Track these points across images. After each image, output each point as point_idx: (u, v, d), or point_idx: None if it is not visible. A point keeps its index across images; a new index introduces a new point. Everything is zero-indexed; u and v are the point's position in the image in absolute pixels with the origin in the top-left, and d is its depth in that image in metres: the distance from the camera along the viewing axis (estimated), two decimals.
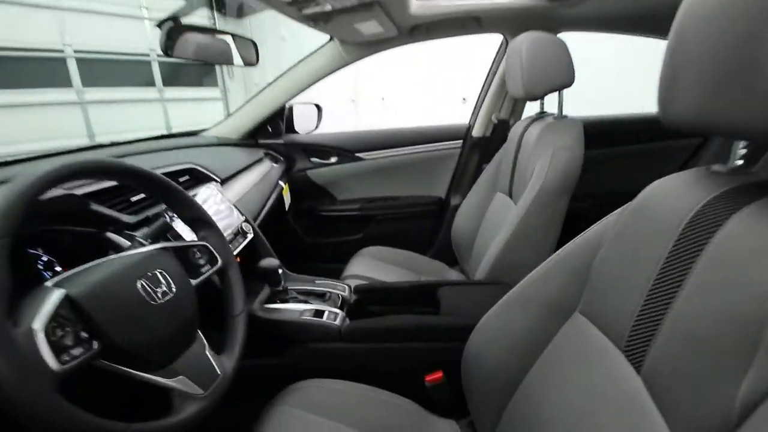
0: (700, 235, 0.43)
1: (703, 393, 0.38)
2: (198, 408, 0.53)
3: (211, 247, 0.68)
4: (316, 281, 1.10)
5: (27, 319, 0.40)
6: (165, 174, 0.65)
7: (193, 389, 0.54)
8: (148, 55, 5.28)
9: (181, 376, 0.53)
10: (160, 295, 0.53)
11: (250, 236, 1.05)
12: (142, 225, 0.73)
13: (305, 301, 0.99)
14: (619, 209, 0.60)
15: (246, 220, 1.08)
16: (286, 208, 1.64)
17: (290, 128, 1.74)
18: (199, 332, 0.61)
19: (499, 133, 1.54)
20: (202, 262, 0.66)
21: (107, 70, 4.83)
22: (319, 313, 0.94)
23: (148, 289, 0.53)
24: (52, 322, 0.42)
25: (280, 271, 0.98)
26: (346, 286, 1.09)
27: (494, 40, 1.51)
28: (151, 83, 5.39)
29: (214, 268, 0.68)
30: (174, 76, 5.64)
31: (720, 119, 0.41)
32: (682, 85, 0.45)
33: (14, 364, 0.36)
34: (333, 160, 1.74)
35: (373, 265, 1.43)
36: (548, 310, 0.65)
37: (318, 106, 1.81)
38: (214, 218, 0.96)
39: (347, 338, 0.91)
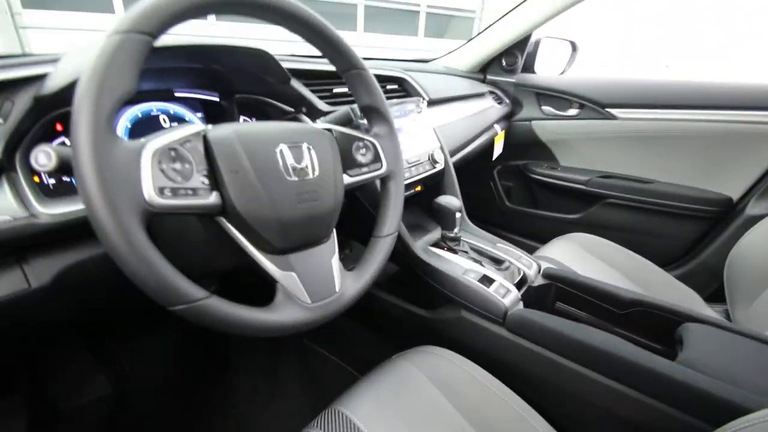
0: None
1: None
2: (296, 317, 0.43)
3: (379, 147, 0.55)
4: (499, 245, 0.87)
5: (148, 139, 0.35)
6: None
7: (300, 293, 0.44)
8: None
9: (293, 273, 0.44)
10: (297, 172, 0.44)
11: (439, 167, 0.89)
12: None
13: (477, 261, 0.79)
14: None
15: (441, 149, 0.92)
16: (493, 158, 1.41)
17: (529, 67, 1.44)
18: (335, 235, 0.50)
19: None
20: (363, 160, 0.54)
21: None
22: (487, 281, 0.72)
23: (287, 159, 0.43)
24: (173, 152, 0.36)
25: (458, 215, 0.79)
26: (535, 264, 0.82)
27: None
28: None
29: (376, 173, 0.54)
30: None
31: None
32: None
33: (103, 175, 0.31)
34: (572, 112, 1.36)
35: (581, 257, 1.07)
36: None
37: (573, 44, 1.43)
38: (407, 135, 0.86)
39: (511, 326, 0.67)
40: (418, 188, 0.90)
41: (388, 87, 0.93)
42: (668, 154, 1.20)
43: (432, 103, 1.03)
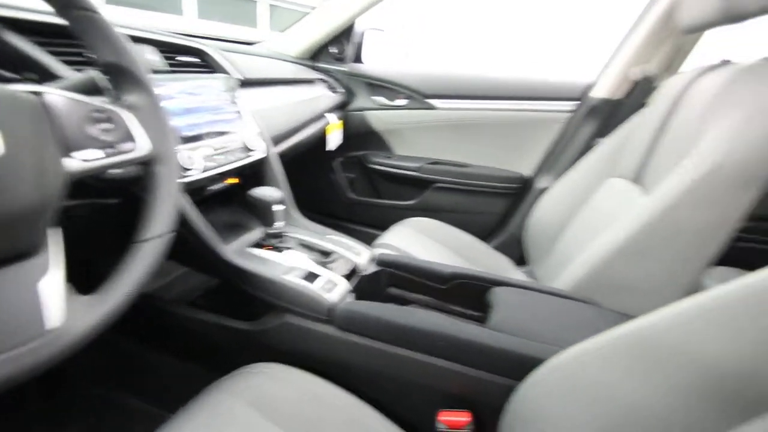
0: None
1: None
2: None
3: (130, 122, 0.41)
4: (328, 236, 0.81)
5: None
6: (161, 41, 0.39)
7: None
8: None
9: None
10: None
11: (257, 155, 0.78)
12: None
13: (307, 258, 0.71)
14: None
15: (260, 136, 0.81)
16: (329, 148, 1.37)
17: (359, 57, 1.44)
18: (55, 246, 0.34)
19: (636, 96, 1.08)
20: (106, 138, 0.39)
21: None
22: (312, 277, 0.65)
23: None
24: None
25: (277, 208, 0.70)
26: (365, 251, 0.79)
27: None
28: None
29: (128, 156, 0.40)
30: None
31: None
32: None
33: None
34: (400, 102, 1.41)
35: (417, 240, 1.11)
36: (714, 389, 0.32)
37: (387, 34, 1.49)
38: (207, 115, 0.71)
39: (340, 323, 0.61)
40: (233, 180, 0.77)
41: (182, 59, 0.77)
42: (478, 139, 1.35)
43: (248, 84, 0.91)
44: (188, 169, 0.61)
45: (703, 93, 0.71)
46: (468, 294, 0.73)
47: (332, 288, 0.64)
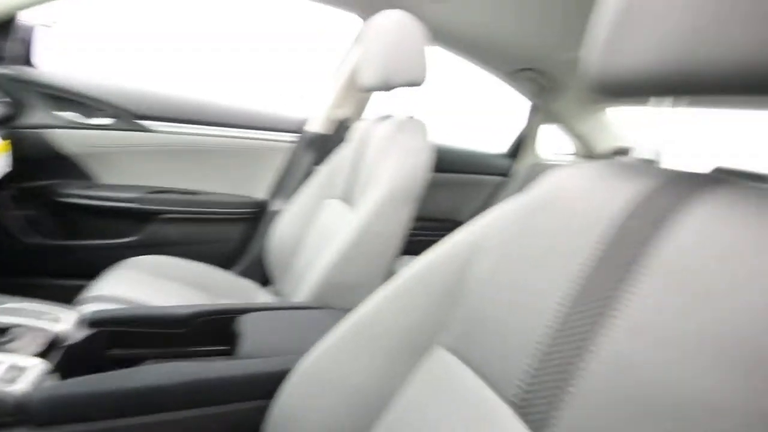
0: (644, 233, 0.31)
1: None
2: None
3: None
4: (4, 306, 0.59)
5: None
6: None
7: None
8: None
9: None
10: None
11: None
12: None
13: None
14: (500, 210, 0.45)
15: None
16: None
17: (29, 59, 1.11)
18: None
19: (339, 132, 1.34)
20: None
21: None
22: None
23: None
24: None
25: None
26: (66, 313, 0.62)
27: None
28: None
29: None
30: None
31: (705, 70, 0.28)
32: (638, 31, 0.32)
33: None
34: (101, 121, 1.17)
35: (144, 283, 0.96)
36: (399, 345, 0.46)
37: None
38: None
39: (40, 418, 0.47)
40: None
41: None
42: (207, 165, 1.31)
43: None
44: None
45: (378, 136, 0.97)
46: (214, 330, 0.71)
47: (17, 376, 0.48)
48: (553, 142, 1.79)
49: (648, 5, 0.31)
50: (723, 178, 0.32)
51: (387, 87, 0.94)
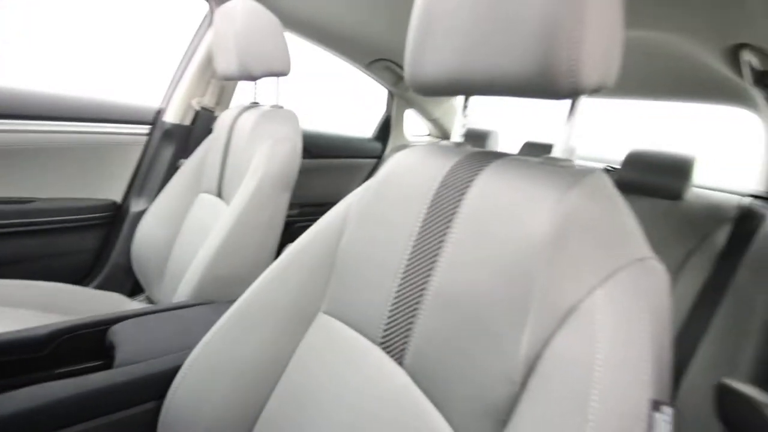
0: (452, 197, 0.43)
1: (479, 364, 0.36)
2: None
3: None
4: None
5: None
6: None
7: None
8: None
9: None
10: None
11: None
12: None
13: None
14: (362, 187, 0.54)
15: None
16: None
17: None
18: None
19: (202, 122, 1.27)
20: None
21: None
22: None
23: None
24: None
25: None
26: None
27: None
28: None
29: None
30: None
31: (475, 77, 0.40)
32: (433, 44, 0.43)
33: None
34: None
35: None
36: (285, 318, 0.53)
37: None
38: None
39: None
40: None
41: None
42: (43, 168, 1.10)
43: None
44: None
45: (246, 125, 0.98)
46: (81, 347, 0.66)
47: None
48: (417, 125, 2.01)
49: (438, 29, 0.43)
50: (503, 154, 0.46)
51: (250, 77, 0.95)
